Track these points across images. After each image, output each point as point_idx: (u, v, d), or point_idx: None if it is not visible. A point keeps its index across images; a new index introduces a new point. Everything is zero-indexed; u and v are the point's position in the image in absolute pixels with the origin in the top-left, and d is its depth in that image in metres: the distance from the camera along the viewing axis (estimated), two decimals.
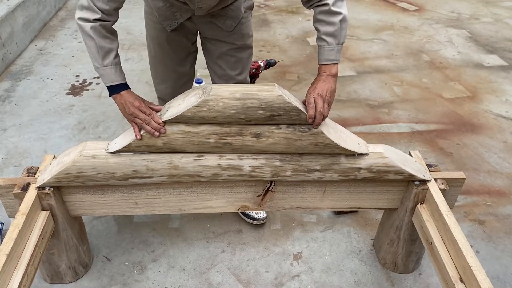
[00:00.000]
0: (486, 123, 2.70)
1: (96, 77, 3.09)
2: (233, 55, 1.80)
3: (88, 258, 1.75)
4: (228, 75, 1.84)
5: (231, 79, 1.85)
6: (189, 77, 1.93)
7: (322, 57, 1.47)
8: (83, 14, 1.39)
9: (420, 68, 3.32)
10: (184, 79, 1.90)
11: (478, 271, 1.23)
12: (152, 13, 1.71)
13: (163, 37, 1.74)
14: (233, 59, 1.81)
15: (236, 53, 1.80)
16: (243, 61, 1.84)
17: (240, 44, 1.78)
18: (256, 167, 1.45)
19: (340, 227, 1.97)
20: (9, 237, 1.29)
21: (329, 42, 1.45)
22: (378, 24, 4.04)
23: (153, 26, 1.75)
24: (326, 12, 1.43)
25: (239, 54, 1.81)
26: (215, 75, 1.87)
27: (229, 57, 1.80)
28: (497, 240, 1.93)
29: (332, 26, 1.43)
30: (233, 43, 1.77)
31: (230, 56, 1.80)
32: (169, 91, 1.89)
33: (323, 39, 1.46)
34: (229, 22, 1.70)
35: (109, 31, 1.44)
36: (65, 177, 1.42)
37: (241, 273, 1.76)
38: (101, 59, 1.42)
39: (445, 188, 1.52)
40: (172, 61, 1.82)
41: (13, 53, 3.30)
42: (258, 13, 4.21)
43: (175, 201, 1.57)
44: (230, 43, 1.76)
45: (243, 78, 1.88)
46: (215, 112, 1.32)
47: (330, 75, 1.44)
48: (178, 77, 1.88)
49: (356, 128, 2.63)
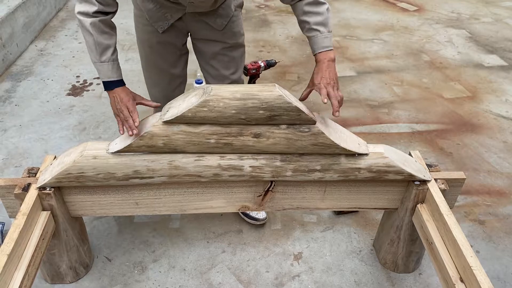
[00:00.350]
0: (486, 123, 2.71)
1: (97, 77, 3.09)
2: (225, 54, 1.80)
3: (89, 259, 1.75)
4: (222, 75, 1.84)
5: (226, 79, 1.85)
6: (182, 79, 1.93)
7: (318, 46, 1.51)
8: (82, 8, 1.40)
9: (420, 68, 3.32)
10: (177, 81, 1.91)
11: (478, 271, 1.24)
12: (142, 15, 1.71)
13: (154, 39, 1.75)
14: (226, 59, 1.82)
15: (229, 52, 1.81)
16: (236, 60, 1.85)
17: (232, 43, 1.79)
18: (256, 167, 1.45)
19: (340, 227, 1.97)
20: (10, 238, 1.29)
21: (321, 30, 1.50)
22: (378, 24, 4.04)
23: (143, 29, 1.76)
24: (312, 3, 1.51)
25: (231, 53, 1.82)
26: (209, 76, 1.88)
27: (222, 56, 1.81)
28: (497, 240, 1.93)
29: (321, 15, 1.50)
30: (225, 42, 1.77)
31: (223, 55, 1.80)
32: (162, 95, 1.89)
33: (314, 29, 1.50)
34: (220, 20, 1.71)
35: (108, 25, 1.45)
36: (66, 177, 1.42)
37: (242, 273, 1.76)
38: (99, 55, 1.44)
39: (445, 188, 1.52)
40: (165, 63, 1.82)
41: (14, 53, 3.30)
42: (258, 13, 4.21)
43: (176, 201, 1.57)
44: (222, 42, 1.77)
45: (237, 77, 1.89)
46: (216, 112, 1.32)
47: (330, 60, 1.50)
48: (171, 80, 1.88)
49: (356, 128, 2.63)
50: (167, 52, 1.79)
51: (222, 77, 1.85)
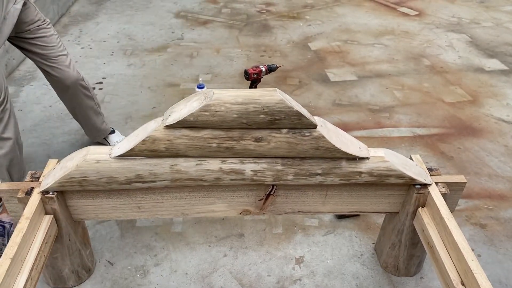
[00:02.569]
0: (487, 127, 2.71)
1: (99, 82, 3.11)
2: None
3: (91, 263, 1.76)
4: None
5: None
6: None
7: None
8: None
9: (421, 72, 3.33)
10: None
11: (480, 274, 1.24)
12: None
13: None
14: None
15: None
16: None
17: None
18: (257, 171, 1.46)
19: (341, 231, 1.98)
20: (13, 241, 1.30)
21: None
22: (378, 28, 4.06)
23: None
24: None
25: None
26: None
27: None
28: (498, 244, 1.93)
29: None
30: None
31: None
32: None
33: None
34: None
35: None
36: (69, 181, 1.43)
37: (243, 277, 1.77)
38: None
39: (446, 192, 1.53)
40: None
41: (17, 59, 3.32)
42: (259, 18, 4.23)
43: (178, 205, 1.58)
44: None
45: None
46: (217, 117, 1.33)
47: None
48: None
49: (357, 132, 2.64)
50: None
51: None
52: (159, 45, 3.63)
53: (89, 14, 4.22)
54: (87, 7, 4.38)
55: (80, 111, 2.29)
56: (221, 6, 4.48)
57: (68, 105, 2.29)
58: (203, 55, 3.52)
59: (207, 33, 3.89)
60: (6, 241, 1.78)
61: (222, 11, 4.37)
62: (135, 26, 3.94)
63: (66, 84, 2.12)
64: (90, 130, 2.41)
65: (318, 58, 3.50)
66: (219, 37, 3.83)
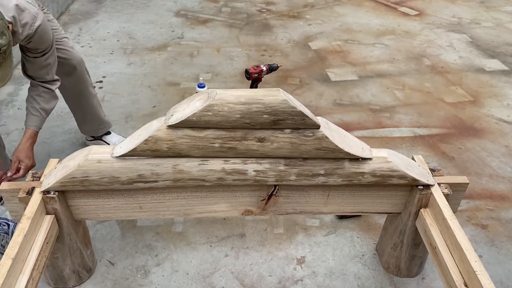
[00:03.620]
0: (488, 127, 2.71)
1: (99, 81, 3.10)
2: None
3: (92, 262, 1.75)
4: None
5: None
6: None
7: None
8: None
9: (422, 72, 3.33)
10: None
11: (483, 275, 1.24)
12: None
13: None
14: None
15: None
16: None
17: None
18: (260, 171, 1.46)
19: (343, 231, 1.98)
20: (15, 241, 1.30)
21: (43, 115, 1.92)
22: (379, 28, 4.05)
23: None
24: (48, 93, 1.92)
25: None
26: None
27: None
28: (500, 244, 1.93)
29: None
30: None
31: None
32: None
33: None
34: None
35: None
36: (70, 181, 1.42)
37: (245, 277, 1.76)
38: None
39: (448, 193, 1.52)
40: None
41: (16, 57, 3.30)
42: (259, 17, 4.22)
43: (179, 205, 1.57)
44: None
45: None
46: (220, 117, 1.32)
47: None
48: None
49: (358, 132, 2.64)
50: None
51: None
52: (159, 44, 3.62)
53: (89, 12, 4.21)
54: (87, 5, 4.36)
55: (85, 98, 2.27)
56: (221, 5, 4.47)
57: (73, 93, 2.26)
58: (204, 54, 3.52)
59: (208, 32, 3.89)
60: (9, 239, 1.77)
61: (222, 10, 4.36)
62: (135, 24, 3.93)
63: (72, 64, 2.13)
64: (92, 123, 2.37)
65: (318, 58, 3.50)
66: (219, 36, 3.82)
